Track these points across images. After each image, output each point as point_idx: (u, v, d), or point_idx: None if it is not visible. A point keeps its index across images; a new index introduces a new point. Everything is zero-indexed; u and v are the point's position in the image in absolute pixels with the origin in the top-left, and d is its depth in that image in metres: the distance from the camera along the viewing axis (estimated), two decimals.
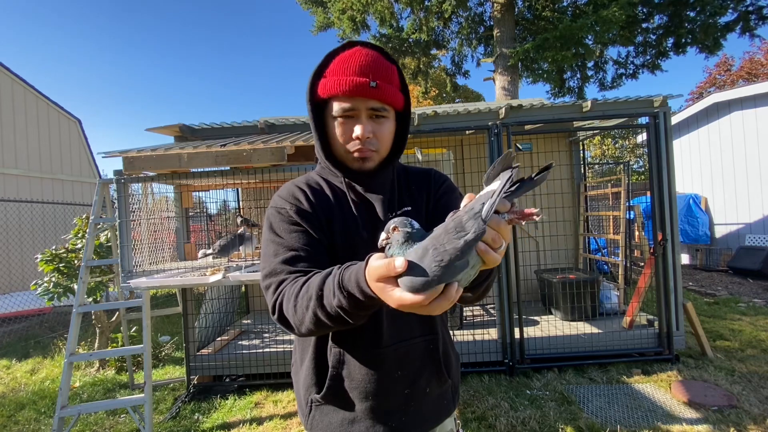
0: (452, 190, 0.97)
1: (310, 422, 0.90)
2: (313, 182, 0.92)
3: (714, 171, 7.75)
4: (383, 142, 0.86)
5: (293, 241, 0.80)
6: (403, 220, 0.61)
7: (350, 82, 0.79)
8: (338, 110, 0.82)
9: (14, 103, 7.21)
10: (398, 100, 0.86)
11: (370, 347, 0.85)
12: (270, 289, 0.78)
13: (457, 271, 0.52)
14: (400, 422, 0.87)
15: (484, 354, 3.26)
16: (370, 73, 0.80)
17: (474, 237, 0.51)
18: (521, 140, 4.61)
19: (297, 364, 0.96)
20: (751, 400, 2.58)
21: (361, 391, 0.85)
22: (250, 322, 4.35)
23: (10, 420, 2.90)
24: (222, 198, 6.57)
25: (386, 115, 0.85)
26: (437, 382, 0.92)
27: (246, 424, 2.65)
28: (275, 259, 0.79)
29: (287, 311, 0.73)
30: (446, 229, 0.54)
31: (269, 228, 0.85)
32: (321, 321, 0.67)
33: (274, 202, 0.88)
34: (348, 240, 0.85)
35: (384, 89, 0.81)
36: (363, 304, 0.62)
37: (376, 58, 0.83)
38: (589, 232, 4.96)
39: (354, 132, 0.83)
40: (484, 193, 0.56)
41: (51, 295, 3.45)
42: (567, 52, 7.84)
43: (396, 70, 0.87)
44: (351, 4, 9.63)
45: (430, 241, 0.54)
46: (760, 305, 4.82)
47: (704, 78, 20.66)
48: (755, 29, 8.25)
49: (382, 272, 0.55)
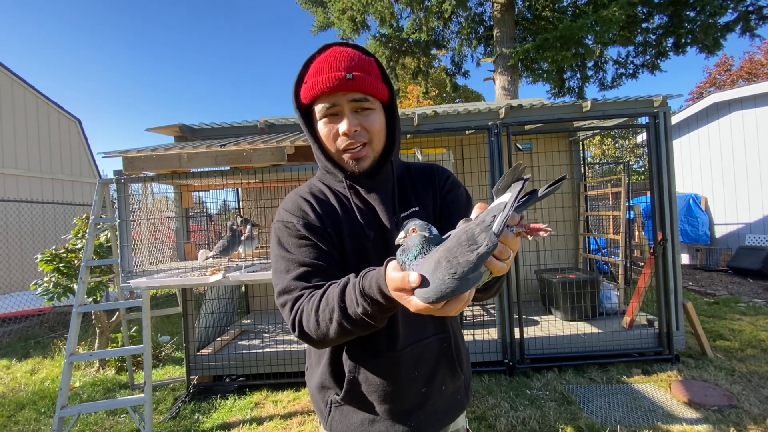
0: (457, 186, 0.97)
1: (330, 423, 0.90)
2: (317, 191, 0.91)
3: (714, 171, 7.75)
4: (374, 133, 0.84)
5: (303, 256, 0.80)
6: (423, 224, 0.61)
7: (326, 79, 0.79)
8: (321, 109, 0.82)
9: (14, 103, 7.21)
10: (381, 90, 0.84)
11: (386, 351, 0.85)
12: (286, 307, 0.78)
13: (471, 284, 0.54)
14: (419, 421, 0.88)
15: (484, 354, 3.26)
16: (345, 66, 0.80)
17: (486, 251, 0.53)
18: (521, 140, 4.62)
19: (312, 367, 0.95)
20: (751, 400, 2.57)
21: (380, 394, 0.85)
22: (250, 322, 4.35)
23: (10, 420, 2.90)
24: (222, 198, 6.57)
25: (371, 107, 0.83)
26: (452, 379, 0.93)
27: (246, 424, 2.65)
28: (287, 275, 0.80)
29: (308, 327, 0.74)
30: (459, 241, 0.55)
31: (278, 243, 0.84)
32: (346, 329, 0.70)
33: (280, 216, 0.87)
34: (356, 243, 0.86)
35: (362, 79, 0.80)
36: (385, 307, 0.65)
37: (351, 54, 0.82)
38: (589, 232, 4.97)
39: (341, 128, 0.81)
40: (495, 204, 0.57)
41: (51, 295, 3.45)
42: (567, 52, 7.84)
43: (374, 62, 0.86)
44: (351, 4, 9.63)
45: (442, 253, 0.55)
46: (760, 305, 4.82)
47: (704, 78, 20.70)
48: (755, 29, 8.25)
49: (398, 284, 0.58)
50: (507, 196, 0.55)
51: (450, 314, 0.57)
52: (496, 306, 3.32)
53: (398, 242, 0.63)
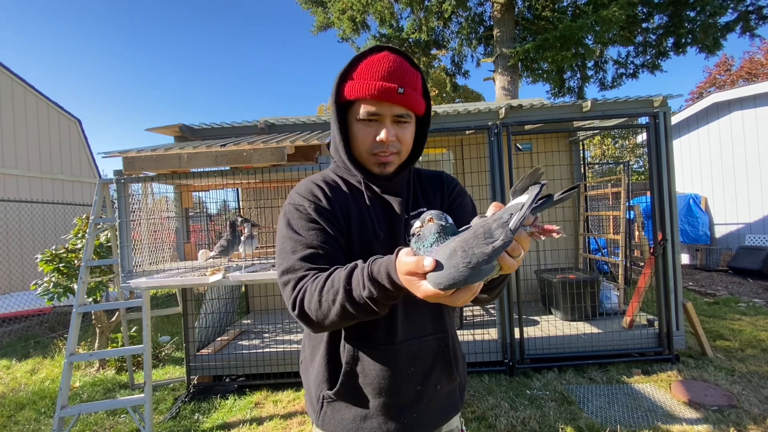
0: (464, 194, 1.01)
1: (322, 418, 0.90)
2: (331, 180, 0.93)
3: (714, 171, 7.75)
4: (405, 145, 0.89)
5: (312, 239, 0.81)
6: (440, 214, 0.63)
7: (378, 87, 0.80)
8: (364, 113, 0.83)
9: (14, 103, 7.20)
10: (421, 106, 0.88)
11: (385, 344, 0.86)
12: (289, 285, 0.79)
13: (483, 274, 0.56)
14: (412, 419, 0.88)
15: (484, 354, 3.26)
16: (398, 79, 0.82)
17: (502, 245, 0.54)
18: (521, 140, 4.62)
19: (307, 361, 0.96)
20: (751, 400, 2.58)
21: (375, 387, 0.86)
22: (250, 322, 4.35)
23: (10, 420, 2.90)
24: (222, 198, 6.58)
25: (409, 121, 0.87)
26: (447, 380, 0.94)
27: (246, 424, 2.65)
28: (293, 255, 0.80)
29: (309, 306, 0.74)
30: (476, 233, 0.57)
31: (287, 224, 0.85)
32: (348, 312, 0.70)
33: (291, 199, 0.88)
34: (364, 240, 0.87)
35: (410, 96, 0.83)
36: (392, 293, 0.65)
37: (403, 65, 0.84)
38: (589, 232, 4.97)
39: (379, 135, 0.84)
40: (512, 204, 0.59)
41: (51, 295, 3.45)
42: (567, 52, 7.84)
43: (420, 77, 0.88)
44: (351, 4, 9.63)
45: (458, 243, 0.57)
46: (760, 305, 4.82)
47: (704, 78, 20.71)
48: (755, 29, 8.25)
49: (410, 268, 0.59)
50: (524, 197, 0.57)
51: (456, 304, 0.58)
52: (496, 306, 3.32)
53: (414, 231, 0.64)
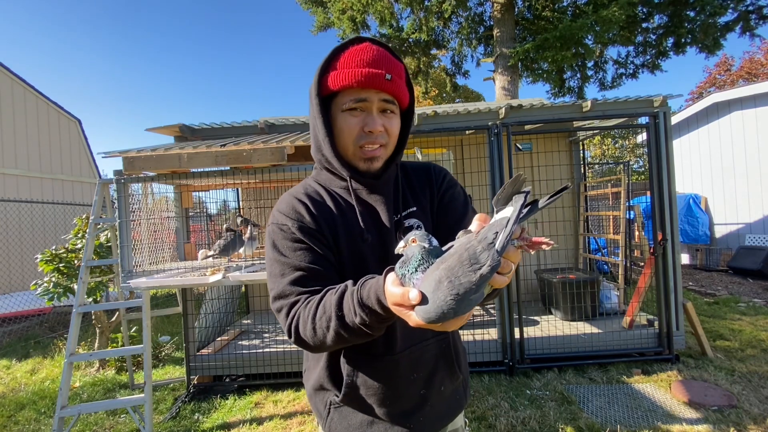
0: (454, 186, 0.97)
1: (329, 424, 0.89)
2: (313, 192, 0.88)
3: (714, 171, 7.75)
4: (392, 137, 0.86)
5: (298, 260, 0.78)
6: (423, 235, 0.60)
7: (365, 73, 0.79)
8: (350, 101, 0.81)
9: (14, 103, 7.20)
10: (406, 97, 0.87)
11: (384, 355, 0.85)
12: (282, 312, 0.77)
13: (473, 304, 0.53)
14: (419, 422, 0.87)
15: (484, 354, 3.26)
16: (384, 66, 0.81)
17: (489, 271, 0.51)
18: (521, 140, 4.62)
19: (311, 369, 0.95)
20: (751, 400, 2.58)
21: (378, 397, 0.85)
22: (250, 322, 4.35)
23: (10, 420, 2.90)
24: (222, 198, 6.58)
25: (395, 111, 0.85)
26: (450, 379, 0.93)
27: (246, 424, 2.65)
28: (282, 279, 0.78)
29: (305, 334, 0.73)
30: (461, 259, 0.53)
31: (272, 246, 0.82)
32: (343, 338, 0.69)
33: (274, 218, 0.85)
34: (353, 246, 0.84)
35: (397, 84, 0.82)
36: (384, 317, 0.64)
37: (387, 55, 0.83)
38: (589, 232, 4.97)
39: (366, 126, 0.81)
40: (497, 220, 0.55)
41: (51, 295, 3.45)
42: (567, 52, 7.84)
43: (403, 68, 0.87)
44: (351, 4, 9.63)
45: (444, 272, 0.53)
46: (760, 305, 4.82)
47: (704, 78, 20.70)
48: (755, 29, 8.24)
49: (397, 300, 0.57)
50: (508, 210, 0.54)
51: (449, 330, 0.57)
52: (496, 306, 3.32)
53: (398, 251, 0.62)
